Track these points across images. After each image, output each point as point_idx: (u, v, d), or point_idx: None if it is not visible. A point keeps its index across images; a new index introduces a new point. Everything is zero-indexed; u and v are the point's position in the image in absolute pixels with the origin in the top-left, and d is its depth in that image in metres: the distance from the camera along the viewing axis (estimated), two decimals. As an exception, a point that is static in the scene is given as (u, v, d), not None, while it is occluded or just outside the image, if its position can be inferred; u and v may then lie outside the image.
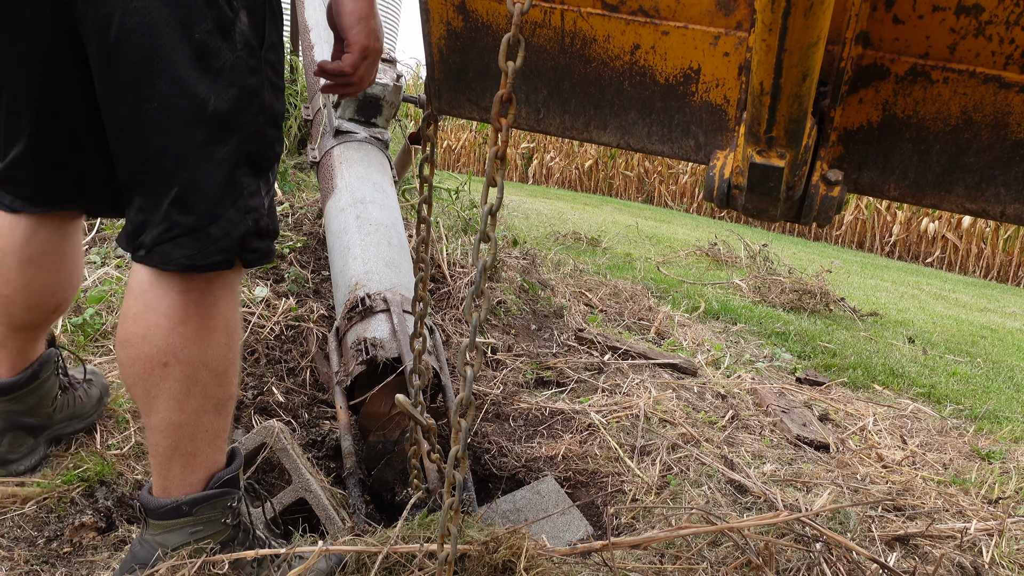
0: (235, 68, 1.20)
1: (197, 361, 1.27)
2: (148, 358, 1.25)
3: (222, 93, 1.19)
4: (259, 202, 1.29)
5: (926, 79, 1.14)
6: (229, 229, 1.24)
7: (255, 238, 1.30)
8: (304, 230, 3.22)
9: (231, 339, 1.32)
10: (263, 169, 1.30)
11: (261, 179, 1.30)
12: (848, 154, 1.24)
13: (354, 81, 1.50)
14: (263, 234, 1.32)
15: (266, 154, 1.29)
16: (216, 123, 1.20)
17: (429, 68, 1.53)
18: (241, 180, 1.25)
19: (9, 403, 1.70)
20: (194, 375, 1.27)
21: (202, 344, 1.27)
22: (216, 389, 1.31)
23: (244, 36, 1.21)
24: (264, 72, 1.26)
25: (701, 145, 1.33)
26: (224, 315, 1.30)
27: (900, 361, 4.20)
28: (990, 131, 1.13)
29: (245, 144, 1.24)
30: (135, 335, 1.26)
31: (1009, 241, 11.77)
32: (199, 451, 1.34)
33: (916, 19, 1.09)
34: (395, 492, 1.96)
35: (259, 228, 1.30)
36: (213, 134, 1.20)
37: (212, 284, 1.28)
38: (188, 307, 1.25)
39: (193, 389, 1.28)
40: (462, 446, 1.17)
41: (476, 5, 1.40)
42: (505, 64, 1.12)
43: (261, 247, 1.33)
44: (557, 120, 1.43)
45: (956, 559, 1.94)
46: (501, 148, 1.17)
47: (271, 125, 1.29)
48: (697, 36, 1.24)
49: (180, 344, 1.25)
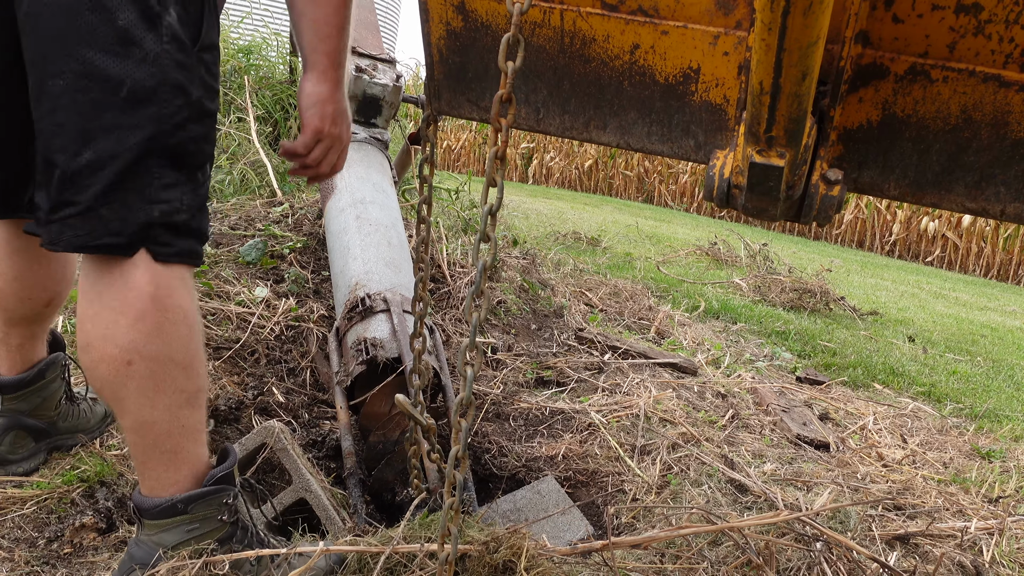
0: (159, 59, 1.20)
1: (162, 355, 1.26)
2: (112, 358, 1.24)
3: (141, 81, 1.19)
4: (174, 196, 1.27)
5: (926, 78, 1.13)
6: (124, 214, 1.22)
7: (165, 231, 1.27)
8: (304, 230, 3.22)
9: (192, 331, 1.31)
10: (186, 165, 1.28)
11: (182, 174, 1.28)
12: (848, 153, 1.24)
13: (310, 164, 1.51)
14: (180, 230, 1.29)
15: (189, 150, 1.28)
16: (128, 108, 1.19)
17: (429, 68, 1.53)
18: (152, 169, 1.23)
19: (14, 401, 1.71)
20: (161, 370, 1.27)
21: (164, 338, 1.26)
22: (185, 382, 1.31)
23: (172, 30, 1.21)
24: (196, 70, 1.26)
25: (701, 145, 1.33)
26: (182, 307, 1.29)
27: (900, 360, 4.20)
28: (990, 130, 1.13)
29: (163, 136, 1.23)
30: (95, 337, 1.25)
31: (1009, 240, 11.76)
32: (179, 447, 1.33)
33: (916, 18, 1.09)
34: (395, 492, 1.96)
35: (171, 222, 1.27)
36: (123, 118, 1.19)
37: (162, 277, 1.27)
38: (144, 302, 1.24)
39: (162, 385, 1.28)
40: (462, 446, 1.17)
41: (475, 5, 1.40)
42: (505, 64, 1.12)
43: (179, 245, 1.29)
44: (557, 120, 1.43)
45: (956, 558, 1.94)
46: (501, 148, 1.17)
47: (197, 122, 1.28)
48: (697, 36, 1.24)
49: (142, 340, 1.24)
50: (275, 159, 4.21)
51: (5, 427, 1.69)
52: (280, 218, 3.34)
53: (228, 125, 4.46)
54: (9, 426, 1.70)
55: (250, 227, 3.22)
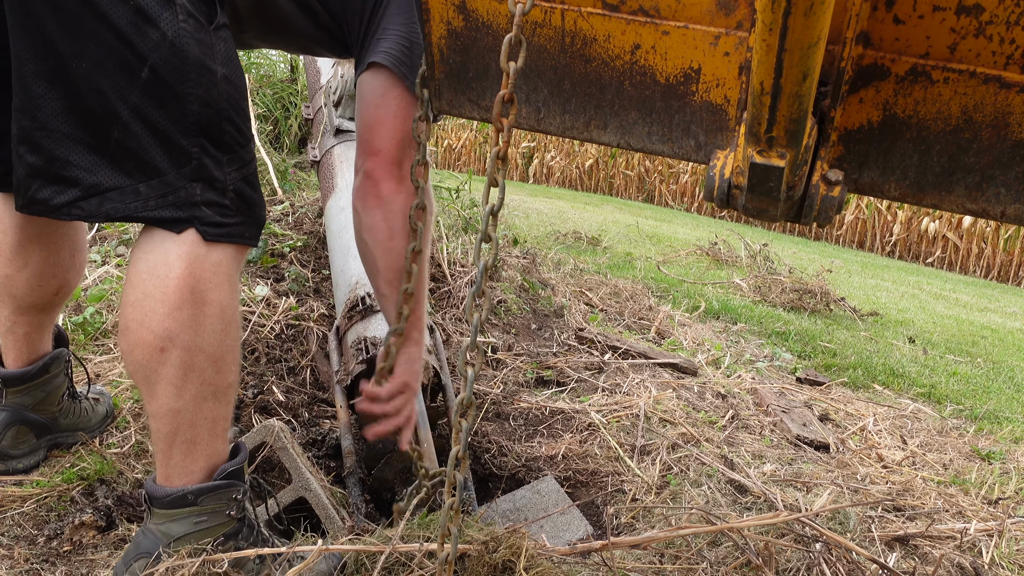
0: (178, 37, 1.22)
1: (193, 346, 1.28)
2: (146, 344, 1.26)
3: (162, 60, 1.21)
4: (217, 175, 1.29)
5: (926, 79, 1.13)
6: (163, 190, 1.25)
7: (212, 210, 1.29)
8: (304, 229, 3.22)
9: (228, 327, 1.33)
10: (224, 144, 1.30)
11: (222, 152, 1.30)
12: (848, 154, 1.24)
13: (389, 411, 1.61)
14: (228, 210, 1.31)
15: (226, 128, 1.30)
16: (151, 88, 1.22)
17: (429, 68, 1.53)
18: (187, 148, 1.26)
19: (18, 395, 1.71)
20: (191, 360, 1.28)
21: (198, 329, 1.28)
22: (214, 376, 1.32)
23: (185, 9, 1.23)
24: (216, 47, 1.28)
25: (701, 145, 1.33)
26: (220, 302, 1.31)
27: (900, 361, 4.20)
28: (990, 131, 1.13)
29: (194, 114, 1.25)
30: (133, 321, 1.28)
31: (1010, 241, 11.76)
32: (199, 438, 1.35)
33: (916, 19, 1.09)
34: (395, 491, 1.96)
35: (217, 201, 1.29)
36: (148, 98, 1.21)
37: (205, 269, 1.29)
38: (183, 293, 1.27)
39: (190, 375, 1.29)
40: (462, 446, 1.17)
41: (476, 5, 1.40)
42: (507, 64, 1.12)
43: (229, 223, 1.31)
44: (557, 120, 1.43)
45: (956, 559, 1.94)
46: (503, 148, 1.17)
47: (228, 101, 1.29)
48: (697, 36, 1.24)
49: (177, 329, 1.26)
50: (276, 158, 4.21)
51: (7, 421, 1.70)
52: (280, 216, 3.34)
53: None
54: (11, 420, 1.70)
55: (251, 226, 3.22)
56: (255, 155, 1.40)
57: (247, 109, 1.36)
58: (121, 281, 2.48)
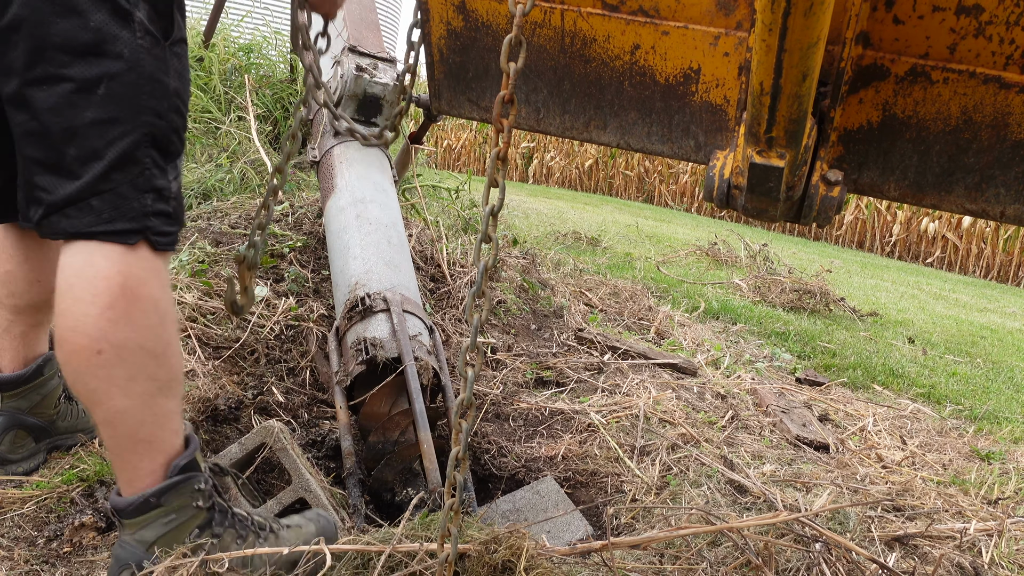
0: (135, 54, 1.26)
1: (131, 343, 1.27)
2: (82, 349, 1.25)
3: (119, 76, 1.25)
4: (163, 184, 1.32)
5: (926, 79, 1.13)
6: (118, 203, 1.27)
7: (161, 220, 1.32)
8: (304, 229, 3.22)
9: (163, 319, 1.33)
10: (169, 153, 1.34)
11: (167, 163, 1.33)
12: (848, 154, 1.24)
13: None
14: (171, 217, 1.34)
15: (171, 139, 1.34)
16: (107, 104, 1.25)
17: (429, 68, 1.54)
18: (141, 159, 1.28)
19: (13, 399, 1.71)
20: (131, 358, 1.28)
21: (132, 325, 1.27)
22: (157, 370, 1.31)
23: (143, 26, 1.27)
24: (171, 63, 1.32)
25: (701, 145, 1.33)
26: (152, 296, 1.31)
27: (900, 361, 4.20)
28: (990, 131, 1.13)
29: (148, 126, 1.29)
30: (67, 330, 1.27)
31: (1009, 241, 11.76)
32: (155, 436, 1.34)
33: (916, 19, 1.09)
34: (395, 492, 1.96)
35: (163, 211, 1.32)
36: (103, 113, 1.24)
37: (133, 267, 1.29)
38: (113, 291, 1.26)
39: (133, 372, 1.28)
40: (463, 447, 1.17)
41: (476, 5, 1.40)
42: (507, 65, 1.12)
43: (172, 231, 1.35)
44: (557, 120, 1.43)
45: (956, 559, 1.94)
46: (503, 149, 1.16)
47: (175, 112, 1.34)
48: (697, 36, 1.24)
49: (110, 328, 1.25)
50: (275, 158, 4.20)
51: (5, 425, 1.70)
52: (280, 217, 3.33)
53: (228, 124, 4.46)
54: (9, 424, 1.70)
55: (250, 226, 3.22)
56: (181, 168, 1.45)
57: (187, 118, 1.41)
58: (121, 282, 2.48)
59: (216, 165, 3.98)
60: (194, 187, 3.72)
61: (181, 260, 2.72)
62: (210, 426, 2.11)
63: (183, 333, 2.32)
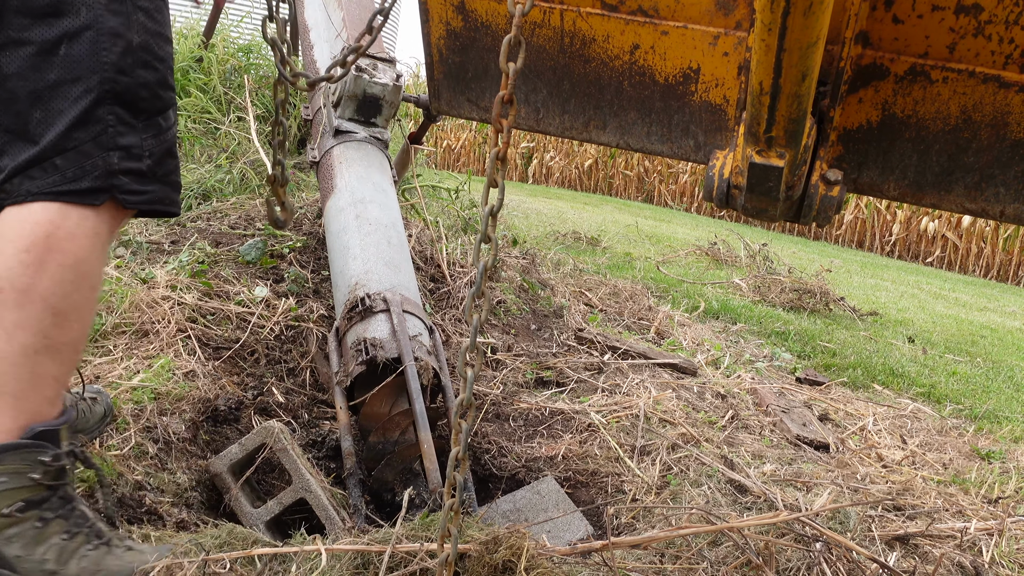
0: (92, 8, 1.25)
1: (32, 291, 1.23)
2: None
3: (76, 33, 1.24)
4: (133, 141, 1.30)
5: (925, 79, 1.14)
6: (81, 161, 1.26)
7: (131, 178, 1.30)
8: (304, 230, 3.22)
9: (80, 281, 1.28)
10: (140, 111, 1.32)
11: (139, 120, 1.31)
12: (848, 154, 1.24)
13: None
14: (145, 176, 1.32)
15: (142, 95, 1.32)
16: (69, 63, 1.25)
17: (428, 68, 1.54)
18: (103, 117, 1.27)
19: None
20: (26, 304, 1.23)
21: (40, 274, 1.24)
22: (52, 329, 1.26)
23: None
24: (133, 16, 1.29)
25: (700, 145, 1.33)
26: (76, 254, 1.27)
27: (900, 361, 4.20)
28: (989, 131, 1.13)
29: (108, 83, 1.27)
30: None
31: (1009, 240, 11.76)
32: (23, 394, 1.27)
33: (916, 19, 1.09)
34: (395, 492, 1.96)
35: (135, 168, 1.30)
36: (65, 74, 1.25)
37: (68, 219, 1.27)
38: (36, 235, 1.24)
39: (24, 321, 1.23)
40: (463, 447, 1.17)
41: (475, 5, 1.40)
42: (506, 65, 1.12)
43: (148, 190, 1.32)
44: (556, 120, 1.43)
45: (956, 559, 1.94)
46: (502, 149, 1.16)
47: (145, 68, 1.31)
48: (696, 36, 1.24)
49: (18, 270, 1.23)
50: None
51: None
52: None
53: (228, 124, 4.46)
54: None
55: (250, 226, 3.22)
56: (176, 120, 1.41)
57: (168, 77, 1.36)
58: (120, 282, 2.48)
59: (216, 166, 3.98)
60: (193, 187, 3.72)
61: (181, 260, 2.72)
62: (210, 426, 2.11)
63: (183, 333, 2.32)
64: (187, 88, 4.71)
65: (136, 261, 2.78)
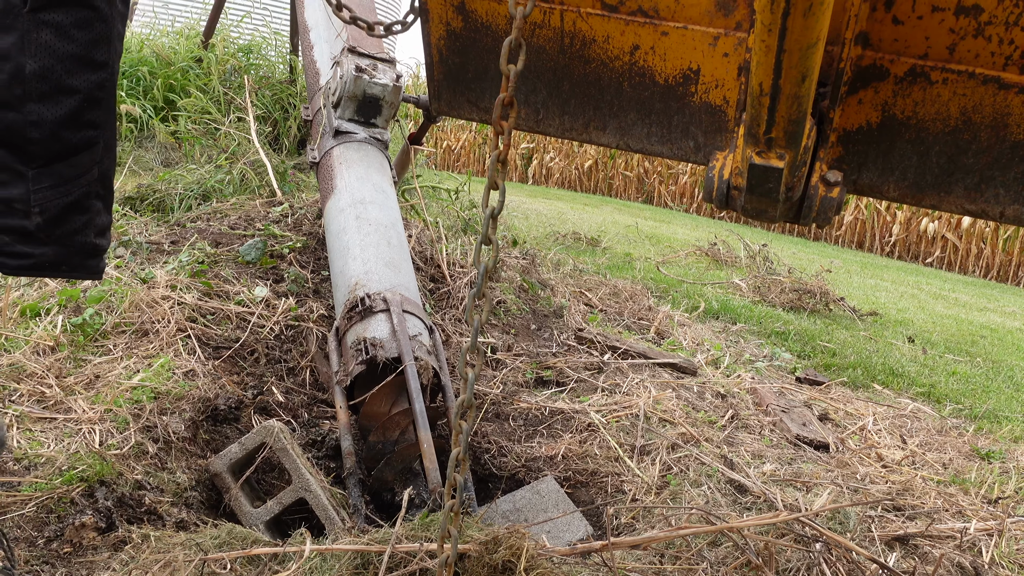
0: None
1: None
2: None
3: None
4: (16, 193, 1.07)
5: (925, 80, 1.14)
6: None
7: (12, 237, 1.10)
8: (304, 230, 3.22)
9: None
10: (30, 154, 1.07)
11: (30, 166, 1.07)
12: (847, 155, 1.24)
13: None
14: (31, 237, 1.10)
15: (32, 136, 1.07)
16: None
17: (429, 69, 1.54)
18: None
19: None
20: None
21: None
22: None
23: None
24: (32, 33, 1.04)
25: (700, 146, 1.33)
26: None
27: (900, 361, 4.20)
28: (989, 132, 1.13)
29: None
30: None
31: (1009, 241, 11.76)
32: None
33: (915, 20, 1.09)
34: (395, 492, 1.96)
35: (14, 227, 1.09)
36: None
37: None
38: None
39: None
40: (463, 448, 1.17)
41: (475, 6, 1.40)
42: (507, 68, 1.12)
43: (35, 253, 1.10)
44: (556, 121, 1.43)
45: (956, 559, 1.94)
46: (503, 152, 1.17)
47: (41, 101, 1.06)
48: (696, 37, 1.24)
49: None
50: (275, 159, 4.21)
51: None
52: (280, 218, 3.34)
53: (228, 125, 4.46)
54: None
55: (250, 227, 3.22)
56: (94, 167, 1.13)
57: (83, 112, 1.10)
58: (120, 282, 2.48)
59: (215, 166, 3.99)
60: (193, 188, 3.72)
61: (181, 260, 2.72)
62: (210, 426, 2.11)
63: (183, 333, 2.32)
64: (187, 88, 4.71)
65: (136, 261, 2.78)
